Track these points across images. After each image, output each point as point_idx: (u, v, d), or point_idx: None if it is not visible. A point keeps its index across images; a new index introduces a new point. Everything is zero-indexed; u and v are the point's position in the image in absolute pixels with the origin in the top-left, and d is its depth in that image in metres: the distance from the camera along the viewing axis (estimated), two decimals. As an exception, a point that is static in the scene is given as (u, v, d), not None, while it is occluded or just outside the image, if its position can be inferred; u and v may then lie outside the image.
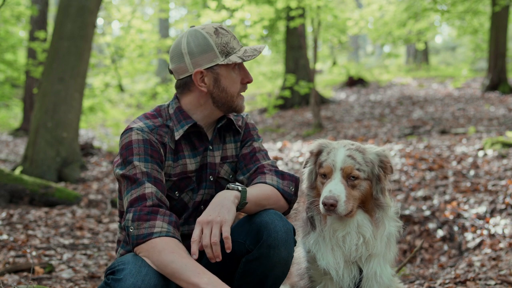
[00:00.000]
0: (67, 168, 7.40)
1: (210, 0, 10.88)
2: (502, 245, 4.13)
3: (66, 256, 4.18)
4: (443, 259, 4.58)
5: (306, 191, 2.44)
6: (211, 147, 2.44)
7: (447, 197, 5.25)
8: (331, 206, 2.20)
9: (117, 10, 14.39)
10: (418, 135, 9.21)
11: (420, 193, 5.46)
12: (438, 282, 3.55)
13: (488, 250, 4.16)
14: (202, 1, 16.53)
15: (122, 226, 2.41)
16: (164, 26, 24.87)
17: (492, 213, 4.72)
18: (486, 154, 6.28)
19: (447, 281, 3.53)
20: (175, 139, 2.35)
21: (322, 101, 14.93)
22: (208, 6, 12.27)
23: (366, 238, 2.32)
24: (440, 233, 4.85)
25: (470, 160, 6.18)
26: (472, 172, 5.75)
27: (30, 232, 4.75)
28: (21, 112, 15.15)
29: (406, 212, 5.18)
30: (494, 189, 5.12)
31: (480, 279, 3.45)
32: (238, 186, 2.24)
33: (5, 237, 4.48)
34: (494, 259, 3.90)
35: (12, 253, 4.11)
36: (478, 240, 4.44)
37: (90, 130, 14.46)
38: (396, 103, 14.36)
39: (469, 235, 4.59)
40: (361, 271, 2.39)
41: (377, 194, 2.34)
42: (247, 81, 2.37)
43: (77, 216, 5.41)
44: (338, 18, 14.17)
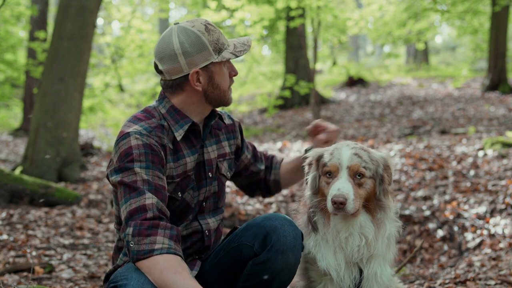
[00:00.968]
0: (67, 168, 7.40)
1: (210, 0, 10.88)
2: (502, 245, 4.13)
3: (66, 256, 4.18)
4: (443, 259, 4.58)
5: (309, 198, 2.40)
6: (206, 144, 2.44)
7: (447, 197, 5.25)
8: (341, 205, 2.16)
9: (117, 10, 14.38)
10: (418, 135, 9.21)
11: (420, 193, 5.46)
12: (438, 282, 3.55)
13: (488, 250, 4.16)
14: (202, 1, 16.52)
15: (121, 238, 2.34)
16: (164, 26, 24.88)
17: (492, 213, 4.72)
18: (486, 154, 6.28)
19: (447, 281, 3.53)
20: (176, 139, 2.32)
21: (322, 101, 14.93)
22: (208, 6, 12.26)
23: (369, 239, 2.31)
24: (440, 233, 4.85)
25: (470, 160, 6.18)
26: (472, 172, 5.75)
27: (30, 232, 4.75)
28: (21, 112, 15.15)
29: (406, 212, 5.18)
30: (494, 189, 5.11)
31: (480, 279, 3.45)
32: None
33: (5, 237, 4.48)
34: (494, 259, 3.90)
35: (12, 253, 4.10)
36: (478, 240, 4.44)
37: (90, 130, 14.46)
38: (396, 103, 14.36)
39: (469, 235, 4.59)
40: (361, 272, 2.38)
41: (379, 195, 2.33)
42: (234, 74, 2.39)
43: (77, 216, 5.41)
44: (338, 18, 14.16)
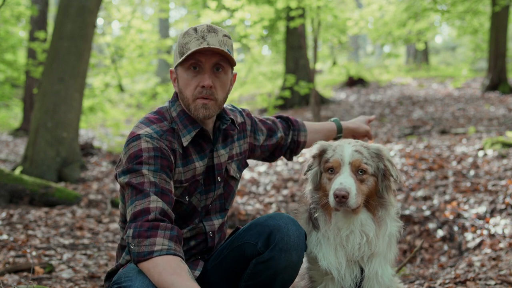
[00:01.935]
0: (67, 168, 7.40)
1: (210, 0, 10.88)
2: (502, 245, 4.13)
3: (66, 256, 4.18)
4: (443, 259, 4.58)
5: (310, 194, 2.42)
6: (216, 148, 2.44)
7: (447, 197, 5.25)
8: (343, 198, 2.18)
9: (117, 10, 14.38)
10: (418, 135, 9.21)
11: (420, 193, 5.46)
12: (438, 282, 3.55)
13: (488, 250, 4.16)
14: (202, 1, 16.53)
15: (124, 237, 2.37)
16: (164, 26, 24.87)
17: (492, 213, 4.72)
18: (486, 154, 6.28)
19: (447, 281, 3.53)
20: (183, 145, 2.31)
21: (322, 101, 14.93)
22: (208, 6, 12.27)
23: (370, 237, 2.32)
24: (440, 233, 4.85)
25: (470, 160, 6.18)
26: (472, 172, 5.75)
27: (30, 232, 4.75)
28: (21, 112, 15.15)
29: (406, 212, 5.18)
30: (494, 189, 5.11)
31: (480, 279, 3.45)
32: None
33: (5, 237, 4.48)
34: (494, 259, 3.90)
35: (12, 253, 4.10)
36: (478, 240, 4.44)
37: (90, 130, 14.46)
38: (396, 103, 14.36)
39: (469, 235, 4.59)
40: (362, 271, 2.39)
41: (382, 192, 2.34)
42: (202, 85, 2.26)
43: (77, 216, 5.41)
44: (338, 18, 14.16)
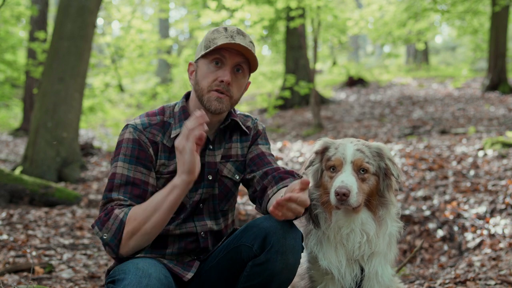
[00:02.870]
0: (67, 168, 7.40)
1: (210, 0, 10.88)
2: (502, 245, 4.14)
3: (66, 256, 4.18)
4: (443, 259, 4.58)
5: (310, 190, 2.41)
6: (211, 147, 2.44)
7: (447, 197, 5.25)
8: (344, 196, 2.19)
9: (117, 10, 14.39)
10: (418, 135, 9.21)
11: (420, 193, 5.46)
12: (438, 282, 3.55)
13: (488, 250, 4.16)
14: (202, 1, 16.54)
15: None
16: (164, 26, 24.86)
17: (492, 213, 4.72)
18: (486, 154, 6.28)
19: (447, 281, 3.53)
20: (172, 137, 2.36)
21: (322, 101, 14.93)
22: (208, 6, 12.27)
23: (370, 236, 2.33)
24: (440, 233, 4.85)
25: (470, 160, 6.18)
26: (472, 172, 5.75)
27: (30, 232, 4.75)
28: (21, 112, 15.15)
29: (406, 212, 5.18)
30: (494, 189, 5.12)
31: (480, 279, 3.45)
32: None
33: (5, 237, 4.48)
34: (494, 259, 3.90)
35: (12, 253, 4.11)
36: (478, 240, 4.44)
37: (90, 130, 14.46)
38: (396, 103, 14.36)
39: (469, 235, 4.59)
40: (362, 270, 2.39)
41: (383, 191, 2.35)
42: (220, 79, 2.31)
43: (77, 216, 5.41)
44: (338, 18, 14.17)
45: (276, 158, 6.67)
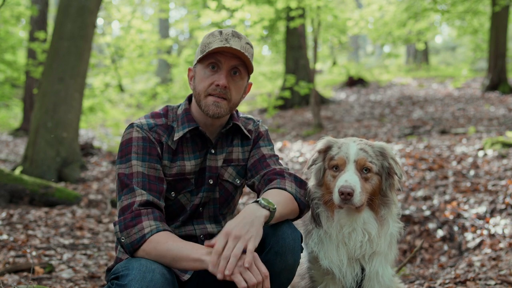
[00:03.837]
0: (67, 168, 7.40)
1: (210, 0, 10.88)
2: (502, 245, 4.13)
3: (66, 256, 4.18)
4: (443, 259, 4.58)
5: (312, 189, 2.42)
6: (213, 151, 2.45)
7: (447, 197, 5.25)
8: (348, 195, 2.19)
9: (117, 10, 14.39)
10: (418, 135, 9.21)
11: (420, 193, 5.46)
12: (438, 282, 3.55)
13: (488, 250, 4.16)
14: (202, 1, 16.54)
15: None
16: (164, 26, 24.87)
17: (492, 213, 4.72)
18: (486, 154, 6.28)
19: (447, 281, 3.53)
20: (180, 140, 2.38)
21: (322, 101, 14.93)
22: (208, 6, 12.27)
23: (372, 235, 2.33)
24: (440, 233, 4.85)
25: (470, 160, 6.18)
26: (472, 172, 5.75)
27: (30, 232, 4.75)
28: (21, 112, 15.15)
29: (406, 212, 5.18)
30: (494, 189, 5.11)
31: (480, 279, 3.45)
32: (269, 205, 2.14)
33: (5, 237, 4.48)
34: (494, 259, 3.90)
35: (12, 253, 4.11)
36: (478, 240, 4.44)
37: (90, 130, 14.46)
38: (396, 103, 14.36)
39: (469, 235, 4.59)
40: (363, 270, 2.39)
41: (386, 190, 2.35)
42: (217, 84, 2.31)
43: (77, 216, 5.41)
44: (338, 18, 14.16)
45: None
